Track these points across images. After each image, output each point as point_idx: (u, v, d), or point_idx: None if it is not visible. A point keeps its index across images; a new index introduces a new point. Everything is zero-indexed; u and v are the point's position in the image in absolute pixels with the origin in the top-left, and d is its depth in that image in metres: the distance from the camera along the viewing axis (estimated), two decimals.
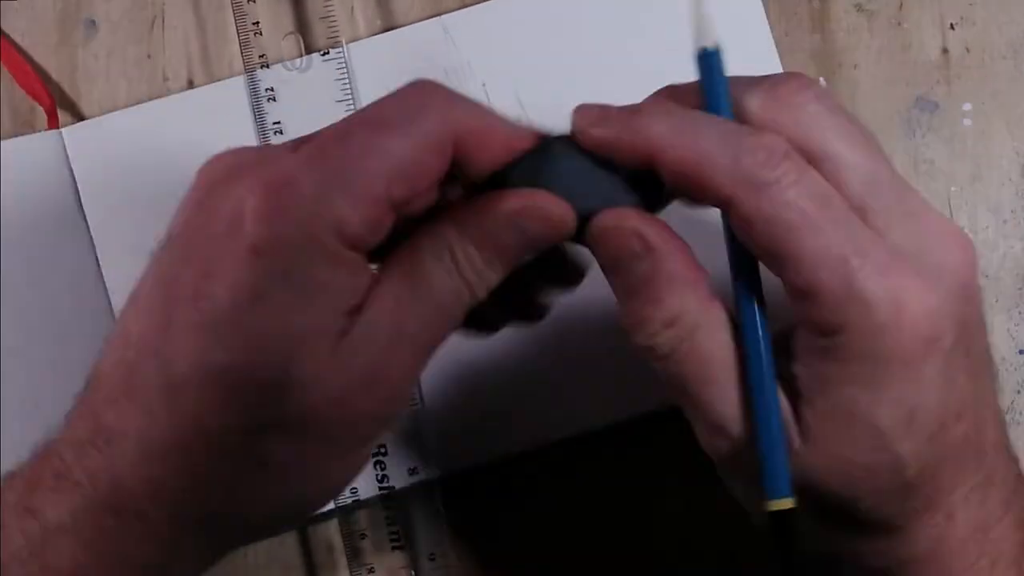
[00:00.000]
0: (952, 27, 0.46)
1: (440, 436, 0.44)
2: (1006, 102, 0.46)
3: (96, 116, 0.46)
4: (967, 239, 0.30)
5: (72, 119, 0.46)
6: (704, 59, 0.31)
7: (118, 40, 0.47)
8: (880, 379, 0.29)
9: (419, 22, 0.46)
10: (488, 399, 0.44)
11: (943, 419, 0.29)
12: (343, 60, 0.45)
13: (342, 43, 0.45)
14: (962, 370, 0.30)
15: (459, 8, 0.46)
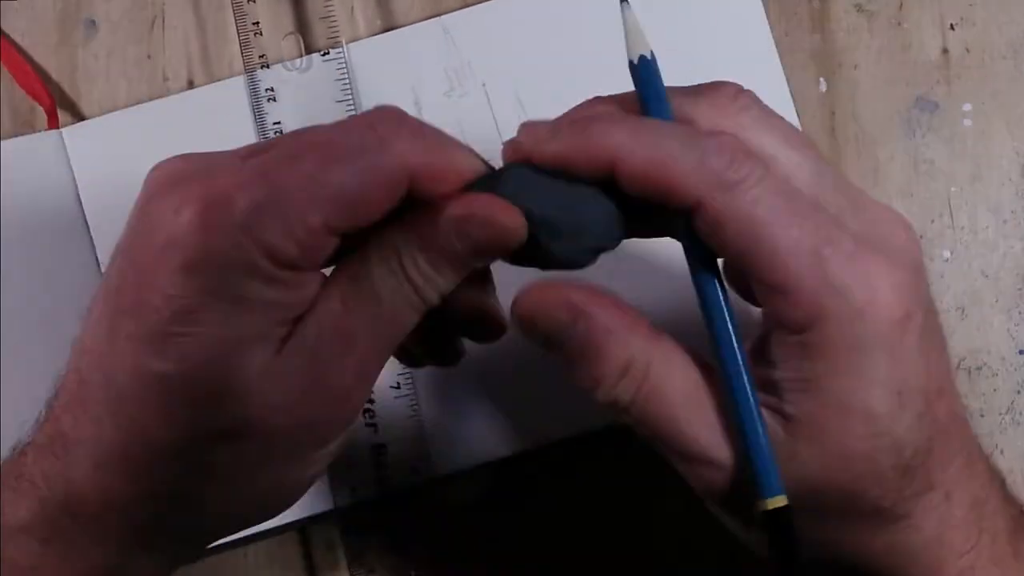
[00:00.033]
0: (952, 27, 0.46)
1: (440, 435, 0.44)
2: (1006, 102, 0.46)
3: (96, 116, 0.46)
4: (907, 220, 0.31)
5: (72, 119, 0.46)
6: (643, 67, 0.31)
7: (118, 40, 0.47)
8: (865, 364, 0.29)
9: (419, 22, 0.46)
10: (488, 399, 0.44)
11: (928, 395, 0.30)
12: (343, 60, 0.45)
13: (342, 43, 0.45)
14: (933, 346, 0.30)
15: (459, 8, 0.46)
